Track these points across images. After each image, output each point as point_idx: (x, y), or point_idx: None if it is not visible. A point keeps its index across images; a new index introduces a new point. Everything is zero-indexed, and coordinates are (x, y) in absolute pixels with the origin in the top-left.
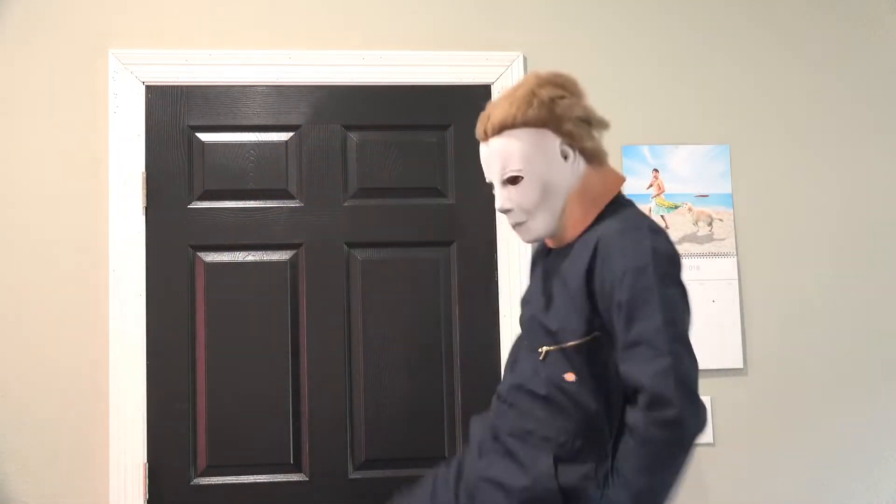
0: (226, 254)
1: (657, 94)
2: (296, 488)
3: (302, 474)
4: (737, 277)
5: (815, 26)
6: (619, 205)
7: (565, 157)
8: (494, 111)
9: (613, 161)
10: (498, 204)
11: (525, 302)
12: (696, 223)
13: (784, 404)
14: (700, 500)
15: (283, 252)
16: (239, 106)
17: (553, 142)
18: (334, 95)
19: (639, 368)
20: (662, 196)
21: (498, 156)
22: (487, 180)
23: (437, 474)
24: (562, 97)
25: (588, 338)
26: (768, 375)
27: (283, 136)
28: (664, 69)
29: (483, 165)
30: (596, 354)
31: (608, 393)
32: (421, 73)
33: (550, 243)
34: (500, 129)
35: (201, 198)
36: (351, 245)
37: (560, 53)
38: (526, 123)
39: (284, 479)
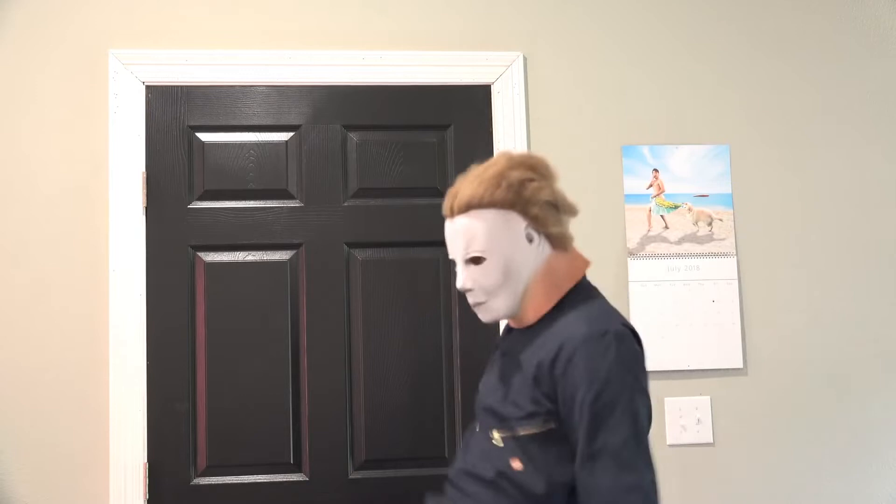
0: (226, 254)
1: (657, 94)
2: (296, 488)
3: (302, 474)
4: (737, 277)
5: (815, 26)
6: (584, 291)
7: (530, 241)
8: (462, 188)
9: (614, 161)
10: (459, 283)
11: (483, 381)
12: (696, 223)
13: (784, 404)
14: (700, 500)
15: (283, 252)
16: (239, 106)
17: (519, 224)
18: (334, 95)
19: (604, 482)
20: (662, 196)
21: (462, 234)
22: (450, 257)
23: None
24: (531, 180)
25: (543, 429)
26: (768, 375)
27: (283, 136)
28: (664, 69)
29: (447, 241)
30: (548, 444)
31: (554, 482)
32: (421, 73)
33: (512, 323)
34: (467, 207)
35: (201, 198)
36: (351, 245)
37: (560, 53)
38: (493, 204)
39: (284, 479)
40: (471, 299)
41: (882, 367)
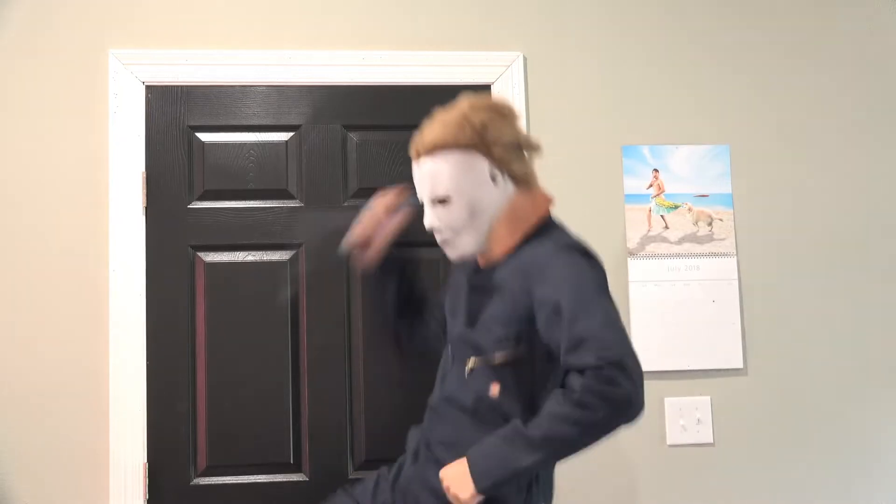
0: (226, 254)
1: (657, 94)
2: (296, 488)
3: (302, 474)
4: (737, 277)
5: (815, 26)
6: (548, 227)
7: (493, 180)
8: (426, 132)
9: (614, 161)
10: (427, 223)
11: (451, 313)
12: (696, 223)
13: (784, 404)
14: (700, 500)
15: (283, 252)
16: (239, 106)
17: (482, 164)
18: (334, 95)
19: (588, 356)
20: (662, 196)
21: (428, 177)
22: (419, 198)
23: (380, 474)
24: (493, 121)
25: (515, 353)
26: (768, 375)
27: (283, 136)
28: (664, 69)
29: (415, 183)
30: (522, 369)
31: (532, 406)
32: (421, 73)
33: (480, 261)
34: (431, 149)
35: (201, 198)
36: None
37: (560, 53)
38: (457, 146)
39: (284, 479)
40: (438, 237)
41: (882, 366)
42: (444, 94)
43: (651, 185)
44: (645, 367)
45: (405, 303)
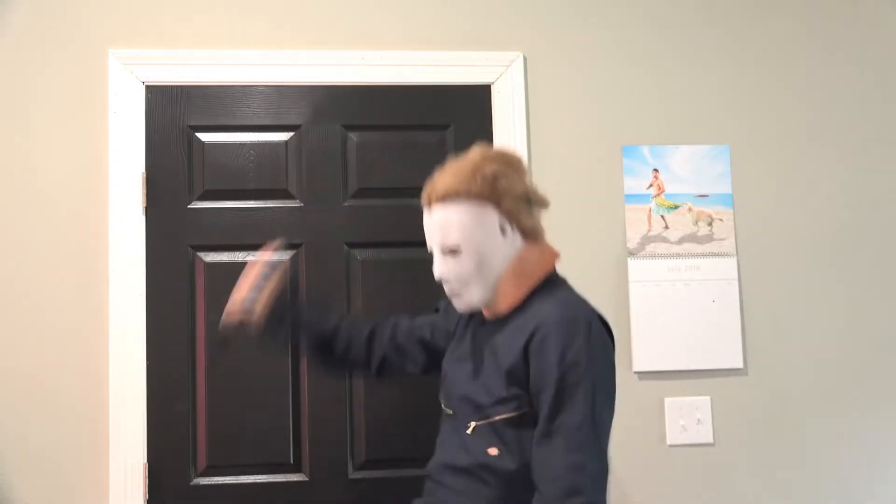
0: (226, 254)
1: (657, 94)
2: (296, 488)
3: (302, 474)
4: (737, 277)
5: (815, 26)
6: (554, 283)
7: (503, 233)
8: (439, 181)
9: (614, 161)
10: (436, 273)
11: (453, 364)
12: (696, 223)
13: (784, 404)
14: (700, 500)
15: (283, 252)
16: (239, 106)
17: (492, 217)
18: (334, 95)
19: (554, 458)
20: (662, 196)
21: (439, 226)
22: (429, 248)
23: None
24: (505, 174)
25: (517, 413)
26: (768, 375)
27: (283, 136)
28: (664, 69)
29: (426, 232)
30: (522, 428)
31: (527, 461)
32: (421, 73)
33: (486, 313)
34: (443, 198)
35: (201, 198)
36: (351, 245)
37: (560, 53)
38: (468, 197)
39: (284, 479)
40: (447, 287)
41: (882, 366)
42: (444, 94)
43: (651, 185)
44: (645, 367)
45: (329, 340)
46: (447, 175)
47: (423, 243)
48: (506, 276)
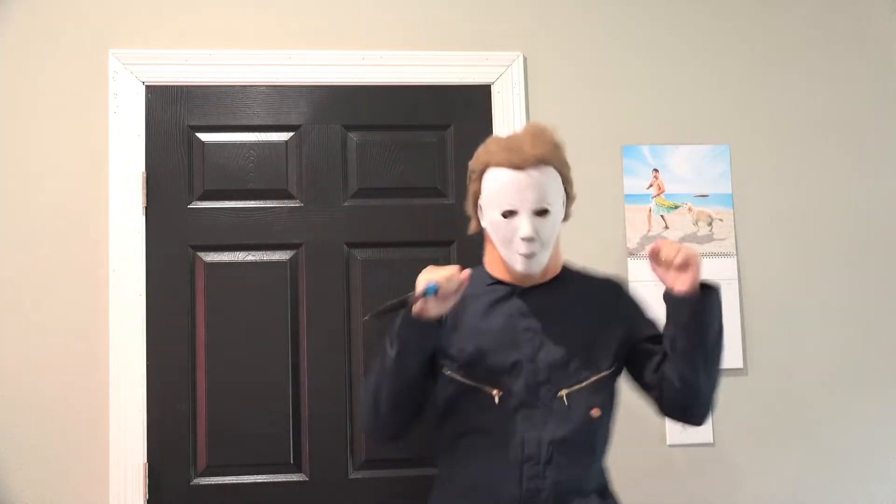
0: (226, 254)
1: (657, 94)
2: (296, 488)
3: (302, 474)
4: (737, 277)
5: (815, 26)
6: (566, 263)
7: (563, 204)
8: (530, 145)
9: (614, 161)
10: (525, 231)
11: (500, 347)
12: (696, 223)
13: (784, 404)
14: (700, 500)
15: (283, 252)
16: (239, 106)
17: (561, 187)
18: (334, 95)
19: None
20: (662, 196)
21: (536, 187)
22: (508, 208)
23: None
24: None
25: (611, 369)
26: (768, 375)
27: (283, 136)
28: (664, 69)
29: (508, 191)
30: (614, 383)
31: (613, 409)
32: (421, 73)
33: (518, 280)
34: (539, 162)
35: (201, 198)
36: (351, 245)
37: (560, 53)
38: (557, 164)
39: (284, 479)
40: (527, 249)
41: (882, 366)
42: (444, 94)
43: (651, 185)
44: None
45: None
46: (537, 141)
47: (423, 243)
48: (556, 245)
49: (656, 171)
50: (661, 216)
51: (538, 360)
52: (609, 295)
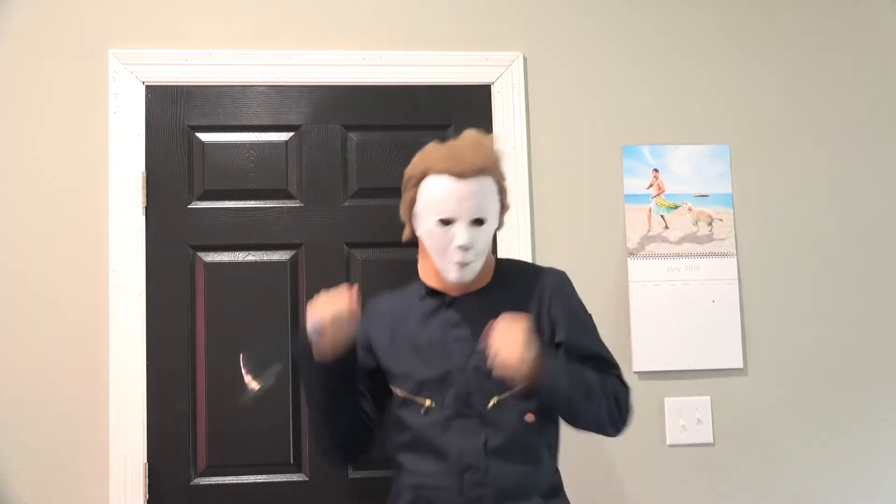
0: (226, 254)
1: (657, 94)
2: (296, 488)
3: (302, 474)
4: (737, 277)
5: (815, 26)
6: (503, 262)
7: (498, 213)
8: (471, 155)
9: (614, 161)
10: (463, 240)
11: (432, 359)
12: (696, 223)
13: (784, 404)
14: (700, 500)
15: (283, 252)
16: (239, 106)
17: (497, 197)
18: (334, 95)
19: (616, 371)
20: (662, 196)
21: (474, 196)
22: (439, 216)
23: None
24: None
25: None
26: (768, 375)
27: (283, 136)
28: (664, 69)
29: (447, 199)
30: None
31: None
32: (421, 73)
33: (451, 289)
34: (480, 172)
35: (201, 198)
36: (351, 245)
37: (560, 53)
38: (493, 174)
39: (284, 479)
40: (462, 258)
41: (882, 366)
42: (444, 94)
43: (651, 185)
44: (645, 367)
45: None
46: (478, 152)
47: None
48: (488, 252)
49: (656, 171)
50: (661, 216)
51: (468, 369)
52: (541, 293)
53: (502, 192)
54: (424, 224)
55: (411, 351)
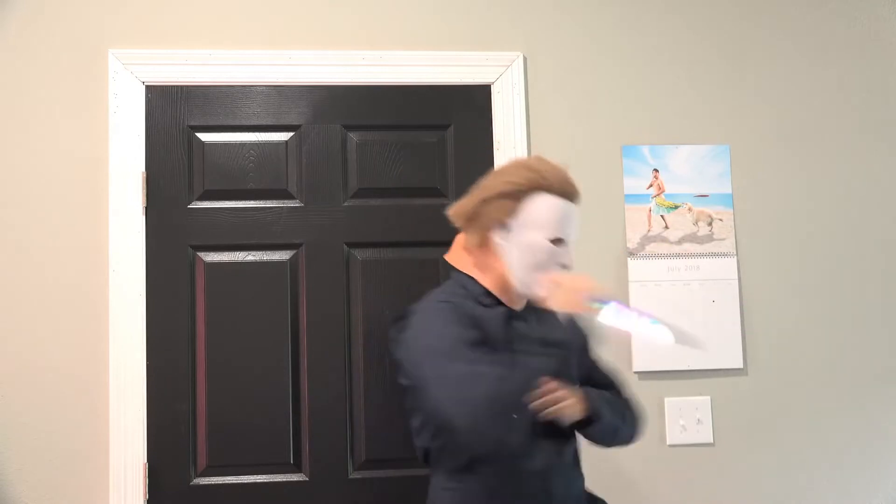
0: (226, 254)
1: (657, 94)
2: (296, 488)
3: (302, 474)
4: (737, 277)
5: (815, 26)
6: None
7: None
8: (572, 181)
9: (614, 161)
10: (569, 261)
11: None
12: (696, 223)
13: (784, 404)
14: (700, 500)
15: (283, 252)
16: (239, 106)
17: None
18: (334, 95)
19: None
20: (662, 196)
21: (575, 218)
22: (557, 235)
23: None
24: None
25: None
26: (768, 375)
27: (283, 136)
28: (664, 69)
29: (563, 221)
30: None
31: None
32: (421, 73)
33: (511, 302)
34: (576, 197)
35: (201, 198)
36: (351, 245)
37: (560, 53)
38: None
39: (284, 479)
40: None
41: (882, 366)
42: (444, 94)
43: (651, 185)
44: (645, 367)
45: None
46: (571, 177)
47: (423, 243)
48: None
49: (656, 171)
50: (661, 216)
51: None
52: (584, 327)
53: None
54: (528, 238)
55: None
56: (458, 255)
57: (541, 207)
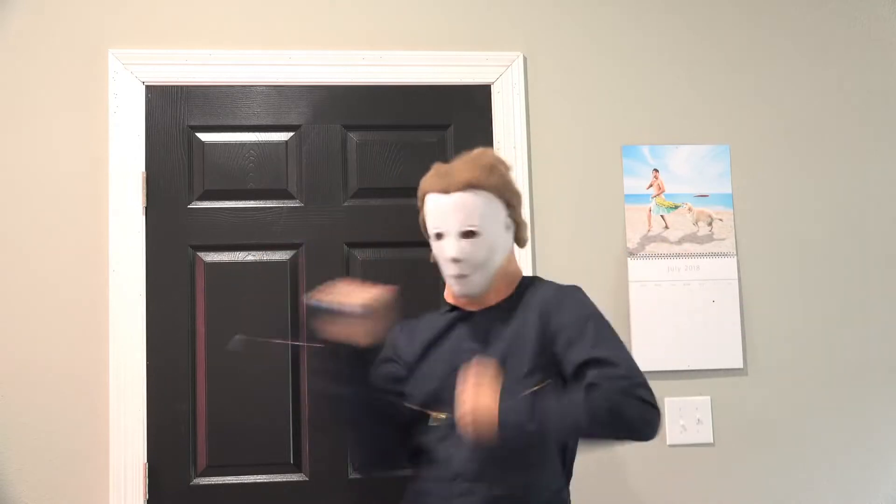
0: (226, 254)
1: (657, 94)
2: (296, 488)
3: (302, 474)
4: (737, 277)
5: (816, 26)
6: (529, 280)
7: (507, 228)
8: (458, 170)
9: (614, 161)
10: (452, 253)
11: (440, 366)
12: (696, 223)
13: (784, 404)
14: (700, 500)
15: (283, 252)
16: (239, 106)
17: (502, 213)
18: (334, 95)
19: (620, 371)
20: (662, 196)
21: (461, 209)
22: (435, 231)
23: None
24: (512, 180)
25: (542, 384)
26: (768, 375)
27: (283, 136)
28: (664, 69)
29: (438, 215)
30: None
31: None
32: (421, 73)
33: (467, 304)
34: (466, 186)
35: (201, 198)
36: (351, 245)
37: (560, 53)
38: (488, 188)
39: (284, 479)
40: (455, 270)
41: (881, 366)
42: (444, 94)
43: (651, 185)
44: (645, 367)
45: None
46: (467, 166)
47: (423, 243)
48: (501, 270)
49: (656, 171)
50: (661, 216)
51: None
52: (551, 308)
53: (509, 207)
54: (431, 241)
55: (429, 365)
56: None
57: (426, 209)
